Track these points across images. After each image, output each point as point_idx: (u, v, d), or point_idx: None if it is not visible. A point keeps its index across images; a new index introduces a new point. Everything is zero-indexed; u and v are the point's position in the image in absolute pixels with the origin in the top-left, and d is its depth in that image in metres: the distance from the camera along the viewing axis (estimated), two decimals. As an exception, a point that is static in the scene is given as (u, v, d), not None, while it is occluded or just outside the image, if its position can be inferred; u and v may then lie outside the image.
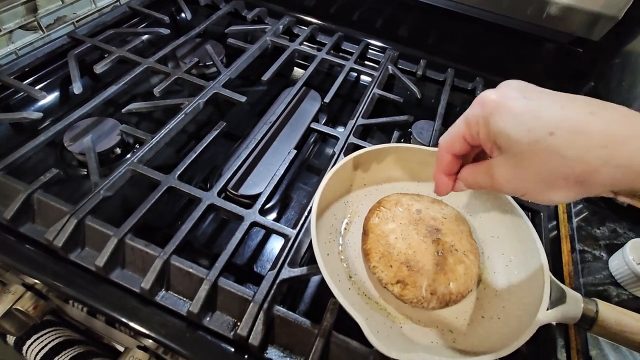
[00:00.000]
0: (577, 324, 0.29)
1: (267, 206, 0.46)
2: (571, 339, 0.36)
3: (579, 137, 0.21)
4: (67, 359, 0.42)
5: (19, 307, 0.40)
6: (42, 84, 0.54)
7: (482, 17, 0.62)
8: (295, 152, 0.45)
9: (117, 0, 0.68)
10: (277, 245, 0.43)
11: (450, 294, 0.31)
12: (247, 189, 0.46)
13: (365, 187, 0.41)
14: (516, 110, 0.23)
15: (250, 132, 0.54)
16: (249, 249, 0.43)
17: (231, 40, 0.61)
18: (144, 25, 0.67)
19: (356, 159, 0.38)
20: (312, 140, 0.56)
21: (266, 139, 0.50)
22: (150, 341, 0.36)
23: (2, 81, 0.49)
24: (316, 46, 0.68)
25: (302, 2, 0.71)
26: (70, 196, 0.40)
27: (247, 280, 0.40)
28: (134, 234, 0.36)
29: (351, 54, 0.65)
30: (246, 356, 0.32)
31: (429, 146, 0.45)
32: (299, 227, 0.38)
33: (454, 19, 0.64)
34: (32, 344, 0.43)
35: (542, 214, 0.44)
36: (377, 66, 0.63)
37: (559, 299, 0.30)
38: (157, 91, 0.50)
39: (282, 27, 0.67)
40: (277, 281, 0.34)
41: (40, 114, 0.46)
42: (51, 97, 0.54)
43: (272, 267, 0.35)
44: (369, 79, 0.60)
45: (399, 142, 0.51)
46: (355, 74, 0.68)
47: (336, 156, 0.45)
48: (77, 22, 0.63)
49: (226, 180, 0.41)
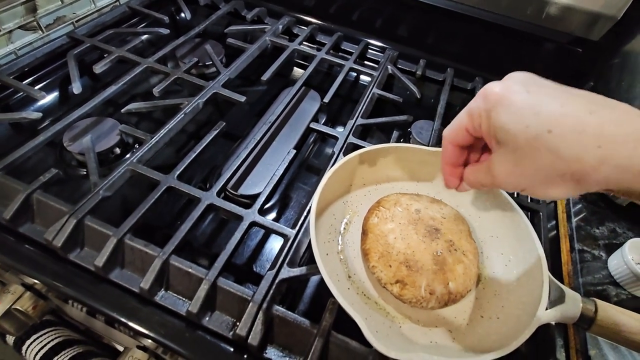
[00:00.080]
0: (576, 323, 0.30)
1: (266, 206, 0.46)
2: (570, 339, 0.36)
3: (576, 136, 0.21)
4: (67, 358, 0.42)
5: (19, 307, 0.40)
6: (41, 84, 0.54)
7: (482, 17, 0.62)
8: (294, 152, 0.45)
9: (117, 0, 0.68)
10: (276, 245, 0.43)
11: (449, 293, 0.31)
12: (246, 189, 0.46)
13: (364, 186, 0.41)
14: (517, 105, 0.23)
15: (249, 132, 0.54)
16: (248, 249, 0.43)
17: (231, 40, 0.61)
18: (143, 25, 0.67)
19: (355, 159, 0.38)
20: (311, 140, 0.56)
21: (265, 138, 0.50)
22: (149, 341, 0.36)
23: (1, 81, 0.49)
24: (316, 46, 0.68)
25: (301, 2, 0.71)
26: (69, 196, 0.41)
27: (247, 280, 0.40)
28: (133, 234, 0.36)
29: (351, 53, 0.65)
30: (245, 356, 0.32)
31: (428, 146, 0.45)
32: (298, 227, 0.38)
33: (454, 19, 0.64)
34: (31, 344, 0.43)
35: (541, 214, 0.44)
36: (376, 66, 0.63)
37: (558, 298, 0.30)
38: (156, 91, 0.50)
39: (281, 27, 0.67)
40: (277, 281, 0.34)
41: (39, 114, 0.46)
42: (50, 97, 0.54)
43: (272, 267, 0.35)
44: (369, 79, 0.60)
45: (398, 141, 0.51)
46: (354, 74, 0.68)
47: (335, 156, 0.46)
48: (76, 22, 0.63)
49: (225, 180, 0.42)
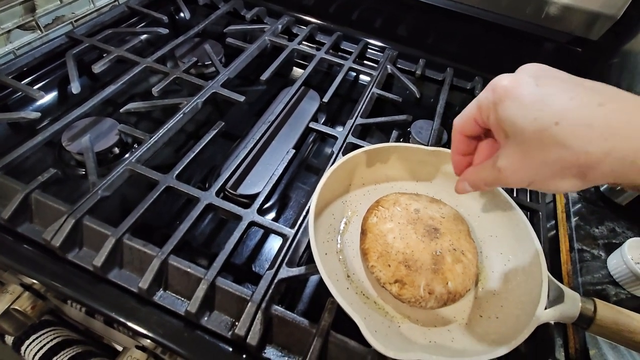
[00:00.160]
0: (575, 323, 0.29)
1: (265, 206, 0.46)
2: (569, 338, 0.36)
3: (583, 129, 0.20)
4: (66, 359, 0.42)
5: (17, 307, 0.40)
6: (40, 84, 0.54)
7: (481, 16, 0.62)
8: (294, 151, 0.45)
9: (116, 0, 0.68)
10: (275, 244, 0.43)
11: (448, 293, 0.31)
12: (245, 189, 0.46)
13: (363, 186, 0.41)
14: (525, 98, 0.23)
15: (249, 132, 0.54)
16: (247, 249, 0.43)
17: (230, 39, 0.61)
18: (142, 24, 0.67)
19: (354, 159, 0.38)
20: (310, 139, 0.56)
21: (265, 138, 0.50)
22: (148, 341, 0.36)
23: (0, 81, 0.49)
24: (315, 46, 0.68)
25: (301, 2, 0.71)
26: (68, 196, 0.41)
27: (246, 280, 0.40)
28: (132, 233, 0.36)
29: (350, 53, 0.65)
30: (244, 356, 0.32)
31: (427, 146, 0.45)
32: (297, 227, 0.38)
33: (453, 19, 0.64)
34: (30, 344, 0.43)
35: (540, 213, 0.44)
36: (376, 66, 0.63)
37: (557, 298, 0.30)
38: (155, 91, 0.50)
39: (281, 26, 0.67)
40: (275, 281, 0.34)
41: (38, 114, 0.46)
42: (49, 97, 0.54)
43: (271, 267, 0.35)
44: (368, 79, 0.60)
45: (397, 141, 0.51)
46: (354, 74, 0.68)
47: (335, 155, 0.45)
48: (75, 21, 0.63)
49: (225, 179, 0.41)
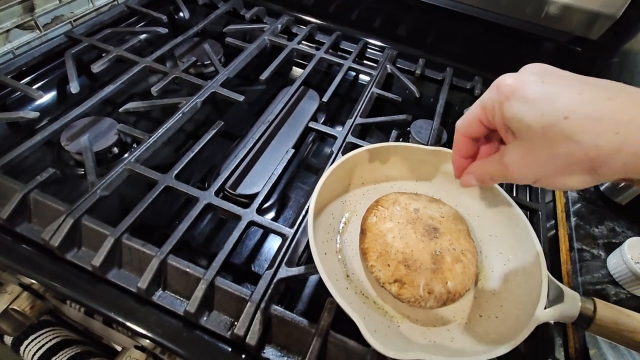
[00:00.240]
0: (574, 322, 0.29)
1: (265, 205, 0.46)
2: (569, 338, 0.36)
3: (593, 123, 0.20)
4: (65, 359, 0.42)
5: (16, 307, 0.40)
6: (39, 84, 0.54)
7: (481, 16, 0.62)
8: (293, 151, 0.45)
9: (115, -1, 0.68)
10: (274, 244, 0.43)
11: (447, 293, 0.31)
12: (244, 189, 0.46)
13: (363, 186, 0.41)
14: (531, 95, 0.23)
15: (248, 132, 0.54)
16: (246, 249, 0.43)
17: (229, 39, 0.61)
18: (141, 24, 0.67)
19: (354, 158, 0.38)
20: (310, 139, 0.56)
21: (264, 138, 0.50)
22: (147, 341, 0.36)
23: (-1, 80, 0.49)
24: (315, 45, 0.68)
25: (300, 1, 0.71)
26: (67, 196, 0.40)
27: (245, 279, 0.40)
28: (130, 233, 0.36)
29: (350, 53, 0.65)
30: (243, 356, 0.32)
31: (427, 145, 0.45)
32: (296, 227, 0.38)
33: (453, 18, 0.64)
34: (29, 344, 0.43)
35: (540, 213, 0.44)
36: (375, 65, 0.63)
37: (556, 297, 0.30)
38: (154, 90, 0.50)
39: (280, 26, 0.67)
40: (275, 281, 0.34)
41: (37, 114, 0.46)
42: (48, 97, 0.54)
43: (270, 267, 0.35)
44: (368, 78, 0.60)
45: (397, 141, 0.51)
46: (353, 73, 0.68)
47: (334, 155, 0.45)
48: (74, 21, 0.63)
49: (224, 179, 0.41)
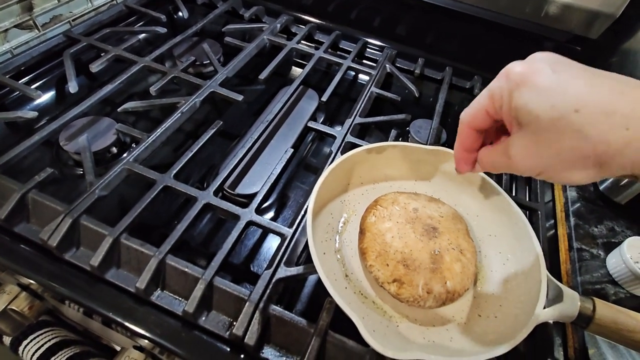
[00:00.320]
0: (574, 322, 0.29)
1: (264, 205, 0.46)
2: (568, 338, 0.36)
3: (603, 117, 0.20)
4: (64, 359, 0.42)
5: (15, 308, 0.40)
6: (37, 83, 0.54)
7: (480, 15, 0.62)
8: (292, 150, 0.45)
9: (114, -2, 0.68)
10: (273, 244, 0.43)
11: (447, 292, 0.31)
12: (243, 188, 0.46)
13: (362, 185, 0.41)
14: (542, 84, 0.22)
15: (247, 131, 0.53)
16: (245, 248, 0.43)
17: (228, 39, 0.61)
18: (140, 24, 0.67)
19: (353, 158, 0.38)
20: (309, 139, 0.56)
21: (263, 137, 0.50)
22: (146, 341, 0.36)
23: (-3, 80, 0.49)
24: (314, 45, 0.68)
25: (299, 1, 0.71)
26: (65, 196, 0.40)
27: (244, 279, 0.40)
28: (129, 233, 0.35)
29: (349, 52, 0.65)
30: (242, 356, 0.32)
31: (426, 145, 0.45)
32: (295, 226, 0.38)
33: (452, 18, 0.64)
34: (28, 344, 0.43)
35: (539, 213, 0.44)
36: (374, 65, 0.63)
37: (556, 297, 0.30)
38: (153, 90, 0.50)
39: (279, 25, 0.67)
40: (274, 280, 0.34)
41: (35, 113, 0.46)
42: (47, 96, 0.54)
43: (269, 266, 0.34)
44: (367, 78, 0.60)
45: (396, 140, 0.51)
46: (353, 73, 0.68)
47: (333, 155, 0.45)
48: (73, 21, 0.62)
49: (223, 179, 0.41)
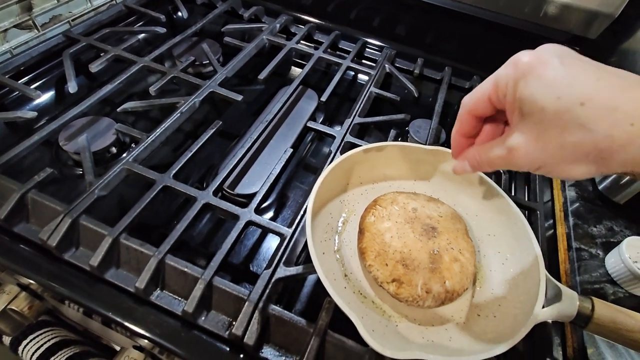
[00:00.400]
0: (573, 321, 0.29)
1: (263, 205, 0.46)
2: (567, 337, 0.36)
3: (608, 112, 0.20)
4: (63, 359, 0.42)
5: (14, 307, 0.40)
6: (37, 83, 0.54)
7: (480, 15, 0.62)
8: (291, 150, 0.45)
9: (113, -2, 0.68)
10: (273, 244, 0.43)
11: (446, 292, 0.31)
12: (243, 188, 0.46)
13: (361, 185, 0.41)
14: (549, 75, 0.22)
15: (246, 131, 0.53)
16: (244, 248, 0.43)
17: (228, 39, 0.61)
18: (140, 24, 0.67)
19: (352, 158, 0.38)
20: (309, 139, 0.56)
21: (263, 137, 0.50)
22: (145, 341, 0.36)
23: (-4, 80, 0.48)
24: (313, 45, 0.68)
25: (299, 1, 0.71)
26: (65, 196, 0.40)
27: (243, 279, 0.40)
28: (128, 233, 0.35)
29: (348, 52, 0.65)
30: (241, 355, 0.32)
31: (425, 144, 0.45)
32: (295, 226, 0.38)
33: (451, 18, 0.64)
34: (28, 344, 0.43)
35: (538, 212, 0.44)
36: (374, 65, 0.63)
37: (554, 296, 0.30)
38: (152, 90, 0.50)
39: (279, 25, 0.67)
40: (273, 280, 0.34)
41: (35, 113, 0.46)
42: (46, 96, 0.54)
43: (268, 266, 0.34)
44: (366, 78, 0.60)
45: (395, 140, 0.51)
46: (352, 73, 0.68)
47: (333, 155, 0.45)
48: (72, 21, 0.62)
49: (222, 179, 0.41)
